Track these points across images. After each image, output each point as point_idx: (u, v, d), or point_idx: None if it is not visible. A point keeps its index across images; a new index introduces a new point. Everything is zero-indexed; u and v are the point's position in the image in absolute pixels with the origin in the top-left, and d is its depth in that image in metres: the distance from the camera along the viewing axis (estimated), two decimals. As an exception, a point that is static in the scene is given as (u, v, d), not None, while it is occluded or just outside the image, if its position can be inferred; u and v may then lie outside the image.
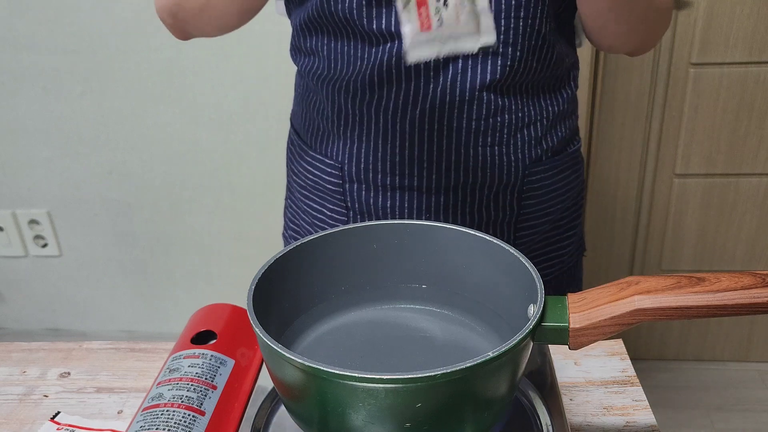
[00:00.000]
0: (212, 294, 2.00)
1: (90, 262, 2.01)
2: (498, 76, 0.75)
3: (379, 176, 0.82)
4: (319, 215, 0.89)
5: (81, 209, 1.92)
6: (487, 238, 0.64)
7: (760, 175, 1.72)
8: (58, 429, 0.73)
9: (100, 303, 2.08)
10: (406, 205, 0.83)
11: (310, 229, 0.91)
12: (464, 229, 0.66)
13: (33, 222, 1.95)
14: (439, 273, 0.69)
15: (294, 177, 0.93)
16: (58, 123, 1.80)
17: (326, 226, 0.88)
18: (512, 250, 0.62)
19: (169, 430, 0.62)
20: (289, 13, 0.86)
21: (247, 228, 1.90)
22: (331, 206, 0.87)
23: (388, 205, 0.84)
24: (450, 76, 0.75)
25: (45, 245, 1.99)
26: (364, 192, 0.84)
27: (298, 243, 0.65)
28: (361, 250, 0.67)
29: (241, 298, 0.62)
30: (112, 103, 1.76)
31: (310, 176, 0.88)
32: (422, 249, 0.68)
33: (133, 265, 2.00)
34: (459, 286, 0.68)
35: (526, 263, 0.60)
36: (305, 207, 0.91)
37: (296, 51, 0.86)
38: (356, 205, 0.85)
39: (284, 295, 0.64)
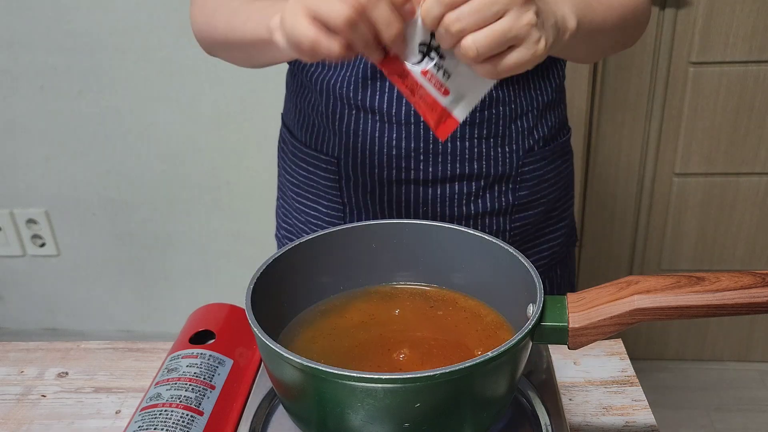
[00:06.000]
0: (210, 293, 1.99)
1: (88, 262, 2.01)
2: None
3: (376, 170, 0.82)
4: (313, 213, 0.89)
5: (79, 208, 1.92)
6: (487, 237, 0.64)
7: (760, 174, 1.72)
8: None
9: (97, 303, 2.07)
10: (402, 198, 0.83)
11: (304, 228, 0.91)
12: (464, 229, 0.65)
13: (31, 221, 1.95)
14: (439, 273, 0.69)
15: (286, 176, 0.93)
16: (55, 122, 1.80)
17: (321, 224, 0.88)
18: (512, 250, 0.62)
19: (167, 430, 0.62)
20: None
21: (245, 227, 1.90)
22: (326, 203, 0.87)
23: (385, 199, 0.84)
24: None
25: (43, 245, 1.98)
26: (360, 187, 0.84)
27: (297, 242, 0.65)
28: (360, 249, 0.67)
29: (240, 298, 0.62)
30: (110, 102, 1.76)
31: (304, 173, 0.88)
32: (421, 249, 0.67)
33: (131, 265, 2.00)
34: (458, 285, 0.68)
35: (525, 263, 0.60)
36: (298, 206, 0.91)
37: None
38: (353, 201, 0.85)
39: (283, 294, 0.64)
